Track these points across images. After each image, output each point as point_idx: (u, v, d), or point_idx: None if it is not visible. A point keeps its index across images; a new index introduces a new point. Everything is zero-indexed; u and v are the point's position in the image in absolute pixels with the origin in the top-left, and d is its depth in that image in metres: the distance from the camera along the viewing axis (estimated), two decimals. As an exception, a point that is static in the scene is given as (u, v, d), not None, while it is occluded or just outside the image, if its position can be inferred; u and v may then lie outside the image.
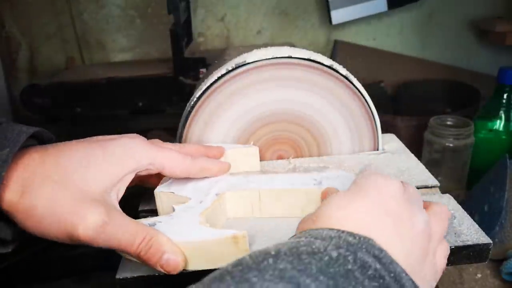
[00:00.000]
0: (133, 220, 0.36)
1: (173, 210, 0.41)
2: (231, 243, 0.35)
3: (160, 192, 0.43)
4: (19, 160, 0.34)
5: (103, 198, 0.35)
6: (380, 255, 0.26)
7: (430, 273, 0.32)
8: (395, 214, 0.30)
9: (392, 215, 0.30)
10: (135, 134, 0.41)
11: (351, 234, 0.27)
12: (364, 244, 0.27)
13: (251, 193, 0.43)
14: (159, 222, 0.38)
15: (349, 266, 0.25)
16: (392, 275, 0.26)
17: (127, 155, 0.38)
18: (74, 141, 0.38)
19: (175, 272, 0.35)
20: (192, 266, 0.36)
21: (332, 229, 0.28)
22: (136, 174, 0.39)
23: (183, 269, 0.35)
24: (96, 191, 0.35)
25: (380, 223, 0.30)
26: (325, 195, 0.39)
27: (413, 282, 0.27)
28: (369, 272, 0.25)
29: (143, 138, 0.41)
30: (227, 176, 0.46)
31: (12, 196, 0.33)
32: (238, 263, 0.25)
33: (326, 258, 0.25)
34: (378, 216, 0.30)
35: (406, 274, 0.26)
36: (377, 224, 0.29)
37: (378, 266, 0.25)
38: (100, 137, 0.40)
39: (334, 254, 0.25)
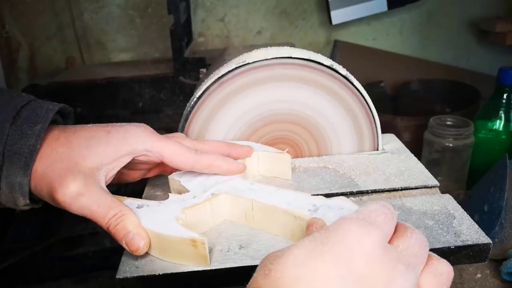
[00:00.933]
0: (112, 197, 0.40)
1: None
2: (190, 245, 0.36)
3: (171, 178, 0.46)
4: (45, 135, 0.40)
5: (90, 173, 0.40)
6: None
7: None
8: (363, 279, 0.26)
9: (359, 280, 0.26)
10: (143, 124, 0.44)
11: None
12: None
13: (245, 201, 0.42)
14: (146, 206, 0.41)
15: None
16: None
17: (124, 139, 0.42)
18: (89, 125, 0.43)
19: (137, 253, 0.37)
20: (156, 254, 0.38)
21: None
22: (134, 158, 0.43)
23: (148, 253, 0.38)
24: (87, 166, 0.40)
25: None
26: (309, 228, 0.34)
27: None
28: None
29: (149, 127, 0.44)
30: (237, 178, 0.46)
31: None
32: None
33: None
34: (338, 281, 0.25)
35: None
36: None
37: None
38: (112, 124, 0.44)
39: None
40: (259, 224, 0.42)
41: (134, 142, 0.42)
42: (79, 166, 0.39)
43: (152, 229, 0.38)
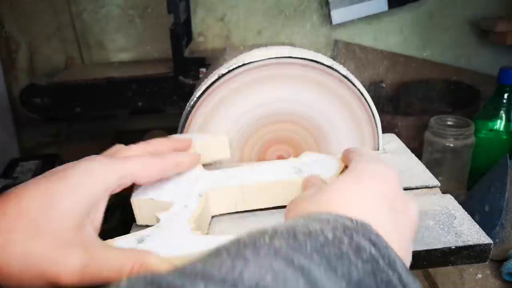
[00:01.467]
0: (117, 249, 0.34)
1: (157, 219, 0.38)
2: None
3: (138, 200, 0.40)
4: None
5: (78, 235, 0.32)
6: (376, 240, 0.27)
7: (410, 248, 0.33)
8: (392, 202, 0.32)
9: (390, 203, 0.32)
10: (92, 155, 0.38)
11: (349, 218, 0.28)
12: (361, 229, 0.27)
13: (235, 189, 0.42)
14: (147, 236, 0.36)
15: (344, 248, 0.25)
16: (386, 260, 0.26)
17: (92, 178, 0.35)
18: (32, 180, 0.34)
19: None
20: None
21: (330, 213, 0.29)
22: (110, 195, 0.37)
23: None
24: (68, 229, 0.32)
25: (379, 211, 0.31)
26: (306, 185, 0.39)
27: (405, 267, 0.27)
28: (364, 256, 0.25)
29: (102, 156, 0.38)
30: (205, 172, 0.44)
31: None
32: (235, 241, 0.25)
33: (322, 238, 0.25)
34: (377, 204, 0.31)
35: (400, 260, 0.27)
36: (376, 212, 0.31)
37: (373, 250, 0.26)
38: (58, 168, 0.36)
39: (330, 235, 0.26)
40: (249, 205, 0.42)
41: (105, 176, 0.35)
42: (59, 234, 0.31)
43: (181, 254, 0.33)
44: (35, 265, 0.30)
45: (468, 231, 0.40)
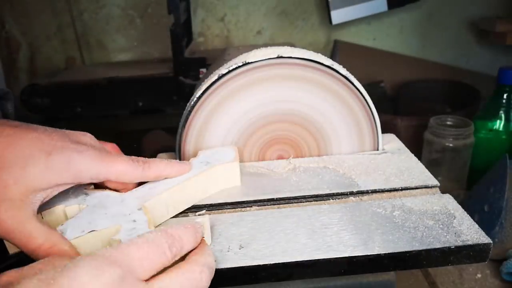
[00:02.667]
0: (37, 224, 0.36)
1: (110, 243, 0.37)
2: None
3: (77, 240, 0.37)
4: None
5: (21, 197, 0.36)
6: None
7: None
8: None
9: None
10: (85, 146, 0.40)
11: None
12: None
13: (164, 196, 0.42)
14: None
15: None
16: None
17: (66, 168, 0.37)
18: (29, 134, 0.38)
19: None
20: None
21: None
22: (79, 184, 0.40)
23: None
24: (18, 190, 0.35)
25: None
26: None
27: None
28: None
29: (93, 150, 0.40)
30: (126, 193, 0.43)
31: None
32: None
33: None
34: None
35: None
36: None
37: None
38: (54, 143, 0.38)
39: None
40: (180, 207, 0.44)
41: (79, 172, 0.38)
42: (8, 190, 0.35)
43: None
44: None
45: (468, 231, 0.40)
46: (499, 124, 0.82)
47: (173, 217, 0.44)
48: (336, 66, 0.51)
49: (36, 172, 0.36)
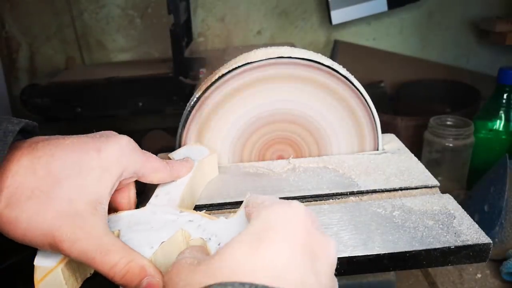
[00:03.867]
0: (113, 238, 0.33)
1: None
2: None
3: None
4: (7, 166, 0.31)
5: (91, 211, 0.33)
6: None
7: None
8: (310, 249, 0.27)
9: (308, 251, 0.27)
10: (123, 135, 0.38)
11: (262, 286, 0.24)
12: None
13: (182, 196, 0.43)
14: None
15: None
16: None
17: (119, 161, 0.35)
18: (67, 140, 0.35)
19: None
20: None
21: (243, 284, 0.24)
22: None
23: None
24: (85, 202, 0.33)
25: (297, 265, 0.26)
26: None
27: None
28: None
29: (132, 144, 0.38)
30: (149, 208, 0.41)
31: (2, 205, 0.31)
32: None
33: None
34: (294, 258, 0.26)
35: None
36: (294, 267, 0.26)
37: None
38: (92, 136, 0.36)
39: None
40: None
41: (126, 164, 0.36)
42: (74, 202, 0.32)
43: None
44: (41, 226, 0.31)
45: (468, 231, 0.40)
46: (499, 124, 0.82)
47: None
48: (336, 66, 0.51)
49: (95, 176, 0.33)
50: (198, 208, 0.46)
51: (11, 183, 0.31)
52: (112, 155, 0.35)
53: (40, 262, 0.33)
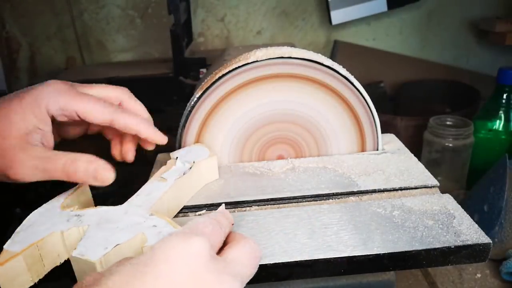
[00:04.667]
0: (55, 151, 0.39)
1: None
2: None
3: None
4: None
5: (23, 142, 0.39)
6: None
7: None
8: None
9: None
10: (56, 80, 0.43)
11: None
12: None
13: (165, 198, 0.43)
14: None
15: None
16: None
17: (37, 104, 0.40)
18: (7, 97, 0.42)
19: (109, 182, 0.39)
20: None
21: None
22: (58, 121, 0.42)
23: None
24: (13, 141, 0.39)
25: None
26: None
27: None
28: None
29: (62, 84, 0.42)
30: (125, 206, 0.41)
31: None
32: None
33: None
34: None
35: None
36: None
37: None
38: (26, 88, 0.42)
39: None
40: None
41: (46, 104, 0.41)
42: (8, 138, 0.39)
43: None
44: None
45: (467, 231, 0.40)
46: (499, 124, 0.82)
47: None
48: (336, 66, 0.51)
49: (17, 119, 0.39)
50: (198, 208, 0.46)
51: None
52: (30, 101, 0.40)
53: (8, 246, 0.35)
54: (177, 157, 0.49)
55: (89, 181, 0.39)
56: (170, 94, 0.94)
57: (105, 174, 0.39)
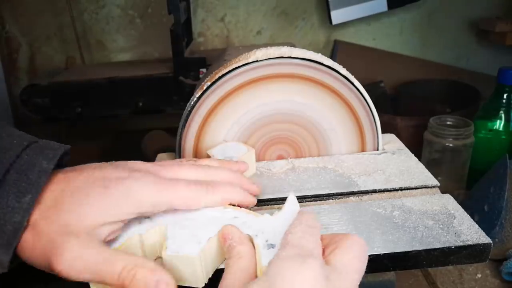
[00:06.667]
0: (114, 250, 0.35)
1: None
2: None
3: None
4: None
5: (87, 232, 0.34)
6: None
7: None
8: None
9: None
10: (143, 173, 0.38)
11: None
12: None
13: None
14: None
15: None
16: None
17: (126, 199, 0.36)
18: (83, 171, 0.37)
19: None
20: None
21: None
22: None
23: None
24: (82, 227, 0.34)
25: None
26: (226, 241, 0.35)
27: None
28: None
29: (152, 176, 0.38)
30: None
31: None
32: None
33: None
34: None
35: None
36: None
37: None
38: (108, 171, 0.37)
39: None
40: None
41: (138, 200, 0.36)
42: (73, 226, 0.33)
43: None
44: (42, 245, 0.32)
45: (468, 231, 0.40)
46: (499, 124, 0.82)
47: None
48: (336, 66, 0.51)
49: (95, 209, 0.34)
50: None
51: (32, 216, 0.33)
52: (118, 194, 0.35)
53: None
54: (214, 154, 0.50)
55: None
56: (170, 94, 0.94)
57: None
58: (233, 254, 0.34)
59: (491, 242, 0.38)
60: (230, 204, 0.41)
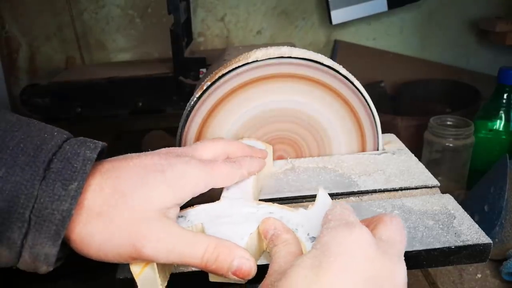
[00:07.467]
0: (192, 231, 0.36)
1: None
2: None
3: None
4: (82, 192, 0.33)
5: (160, 215, 0.34)
6: None
7: None
8: (373, 277, 0.28)
9: (370, 280, 0.27)
10: (186, 157, 0.39)
11: None
12: None
13: (253, 188, 0.44)
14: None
15: None
16: None
17: (186, 181, 0.37)
18: (128, 160, 0.37)
19: (250, 277, 0.34)
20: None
21: None
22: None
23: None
24: (154, 211, 0.34)
25: None
26: (266, 230, 0.36)
27: None
28: None
29: (195, 160, 0.39)
30: (225, 202, 0.42)
31: (73, 226, 0.33)
32: None
33: None
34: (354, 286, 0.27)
35: None
36: None
37: None
38: (155, 158, 0.38)
39: None
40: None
41: (195, 182, 0.38)
42: (145, 211, 0.34)
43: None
44: (118, 236, 0.32)
45: (468, 231, 0.40)
46: (499, 124, 0.82)
47: None
48: (336, 66, 0.51)
49: (162, 192, 0.35)
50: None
51: (84, 205, 0.33)
52: (176, 177, 0.36)
53: None
54: None
55: (227, 273, 0.33)
56: (170, 94, 0.94)
57: (247, 270, 0.33)
58: (280, 241, 0.34)
59: (491, 242, 0.38)
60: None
